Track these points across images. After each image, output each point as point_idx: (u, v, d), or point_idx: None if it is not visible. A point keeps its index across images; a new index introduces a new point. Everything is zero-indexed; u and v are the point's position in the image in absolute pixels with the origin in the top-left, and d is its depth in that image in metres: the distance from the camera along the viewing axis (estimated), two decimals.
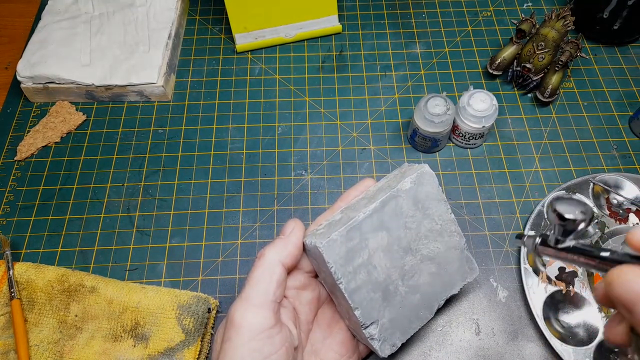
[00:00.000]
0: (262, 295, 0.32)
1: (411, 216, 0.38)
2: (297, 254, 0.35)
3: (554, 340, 0.42)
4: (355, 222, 0.35)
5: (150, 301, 0.43)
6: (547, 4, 0.66)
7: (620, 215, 0.48)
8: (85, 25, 0.59)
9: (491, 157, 0.54)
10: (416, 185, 0.38)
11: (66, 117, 0.56)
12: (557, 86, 0.55)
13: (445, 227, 0.39)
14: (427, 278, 0.38)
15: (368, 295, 0.35)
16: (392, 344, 0.36)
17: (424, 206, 0.38)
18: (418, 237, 0.38)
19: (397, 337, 0.37)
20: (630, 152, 0.54)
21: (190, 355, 0.41)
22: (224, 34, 0.64)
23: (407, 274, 0.37)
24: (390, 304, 0.36)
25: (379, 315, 0.36)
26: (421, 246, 0.38)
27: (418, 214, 0.38)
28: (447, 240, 0.39)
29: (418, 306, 0.37)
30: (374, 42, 0.63)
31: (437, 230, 0.38)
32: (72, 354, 0.42)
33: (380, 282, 0.36)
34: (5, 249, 0.46)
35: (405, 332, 0.37)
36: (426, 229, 0.38)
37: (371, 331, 0.35)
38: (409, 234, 0.37)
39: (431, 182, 0.39)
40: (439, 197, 0.39)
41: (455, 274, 0.39)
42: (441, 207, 0.39)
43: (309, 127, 0.56)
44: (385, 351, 0.36)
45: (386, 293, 0.36)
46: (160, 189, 0.52)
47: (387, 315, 0.36)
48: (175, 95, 0.59)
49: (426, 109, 0.49)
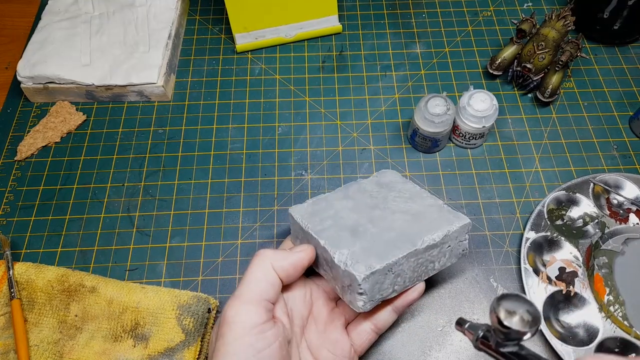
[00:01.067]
0: (255, 292, 0.32)
1: (376, 192, 0.39)
2: (291, 272, 0.35)
3: (554, 341, 0.42)
4: (322, 195, 0.39)
5: (150, 301, 0.43)
6: (548, 4, 0.66)
7: (620, 216, 0.48)
8: (85, 25, 0.59)
9: (491, 157, 0.54)
10: (378, 177, 0.40)
11: (66, 117, 0.56)
12: (557, 86, 0.55)
13: (416, 194, 0.39)
14: (401, 223, 0.37)
15: (336, 233, 0.36)
16: (367, 265, 0.34)
17: (389, 186, 0.39)
18: (386, 201, 0.38)
19: (373, 260, 0.34)
20: (631, 152, 0.54)
21: (190, 355, 0.41)
22: (224, 34, 0.64)
23: (376, 219, 0.37)
24: (359, 239, 0.36)
25: (348, 245, 0.35)
26: (391, 205, 0.38)
27: (383, 190, 0.39)
28: (420, 202, 0.39)
29: (395, 240, 0.36)
30: (374, 42, 0.63)
31: (406, 197, 0.39)
32: (72, 354, 0.42)
33: (348, 226, 0.36)
34: (5, 249, 0.46)
35: (383, 258, 0.35)
36: (393, 196, 0.39)
37: (342, 258, 0.34)
38: (375, 201, 0.38)
39: (393, 174, 0.40)
40: (404, 181, 0.40)
41: (437, 221, 0.38)
42: (407, 185, 0.40)
43: (309, 127, 0.56)
44: (361, 269, 0.34)
45: (355, 232, 0.36)
46: (161, 189, 0.52)
47: (357, 245, 0.35)
48: (175, 95, 0.59)
49: (426, 109, 0.49)
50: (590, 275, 0.45)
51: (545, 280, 0.45)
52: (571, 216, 0.49)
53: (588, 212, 0.48)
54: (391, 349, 0.43)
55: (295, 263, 0.35)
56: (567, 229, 0.48)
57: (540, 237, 0.47)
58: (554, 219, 0.48)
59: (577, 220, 0.48)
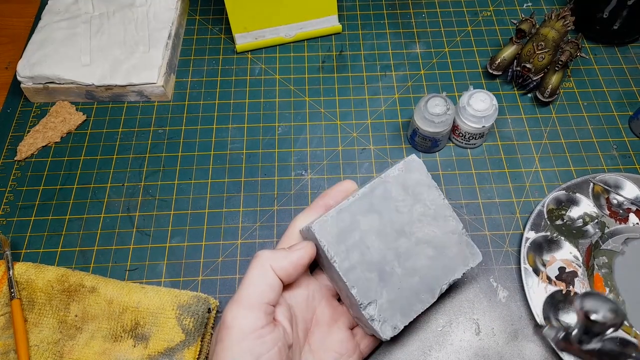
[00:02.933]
0: (254, 296, 0.32)
1: (402, 200, 0.37)
2: (291, 271, 0.34)
3: None
4: (345, 205, 0.36)
5: (150, 301, 0.43)
6: (547, 4, 0.66)
7: (620, 215, 0.48)
8: (85, 25, 0.59)
9: (491, 157, 0.54)
10: (404, 172, 0.38)
11: (66, 117, 0.56)
12: (557, 86, 0.55)
13: (439, 211, 0.38)
14: (424, 261, 0.37)
15: (363, 274, 0.35)
16: (393, 326, 0.36)
17: (415, 192, 0.38)
18: (411, 221, 0.37)
19: (398, 319, 0.36)
20: (630, 152, 0.54)
21: (190, 355, 0.41)
22: (224, 34, 0.64)
23: (403, 256, 0.37)
24: (387, 284, 0.36)
25: (376, 295, 0.35)
26: (415, 229, 0.37)
27: (409, 198, 0.38)
28: (443, 225, 0.38)
29: (418, 289, 0.37)
30: (374, 42, 0.63)
31: (431, 214, 0.38)
32: (72, 354, 0.42)
33: (375, 263, 0.36)
34: (5, 249, 0.46)
35: (407, 315, 0.36)
36: (419, 213, 0.37)
37: (370, 311, 0.35)
38: (401, 218, 0.37)
39: (419, 169, 0.39)
40: (430, 184, 0.38)
41: (456, 258, 0.38)
42: (433, 193, 0.38)
43: (309, 127, 0.56)
44: (387, 332, 0.35)
45: (382, 273, 0.36)
46: (160, 189, 0.52)
47: (385, 295, 0.36)
48: (175, 95, 0.59)
49: (426, 109, 0.49)
50: (590, 275, 0.45)
51: (545, 280, 0.45)
52: (571, 216, 0.49)
53: (588, 212, 0.48)
54: (391, 349, 0.43)
55: (296, 262, 0.35)
56: (567, 229, 0.48)
57: (540, 237, 0.47)
58: (553, 218, 0.48)
59: (577, 220, 0.48)
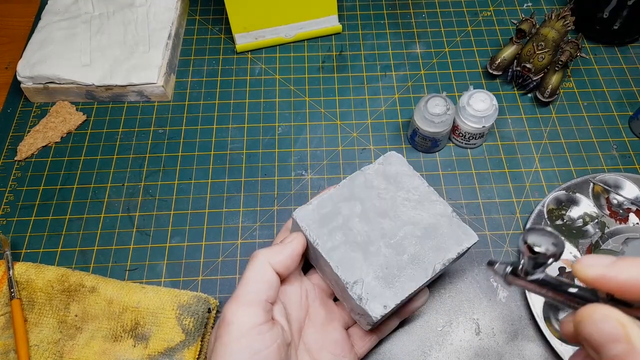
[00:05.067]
0: (252, 294, 0.33)
1: (384, 188, 0.37)
2: (289, 263, 0.35)
3: (554, 340, 0.42)
4: (326, 194, 0.37)
5: (150, 301, 0.43)
6: (547, 4, 0.66)
7: (620, 215, 0.48)
8: (85, 25, 0.59)
9: (491, 157, 0.54)
10: (384, 165, 0.38)
11: (66, 117, 0.56)
12: (557, 86, 0.55)
13: (425, 196, 0.37)
14: (412, 240, 0.36)
15: (347, 254, 0.35)
16: (383, 304, 0.34)
17: (397, 180, 0.37)
18: (395, 205, 0.36)
19: (388, 297, 0.34)
20: (630, 152, 0.54)
21: (190, 355, 0.41)
22: (224, 34, 0.64)
23: (388, 235, 0.36)
24: (373, 263, 0.35)
25: (362, 273, 0.35)
26: (400, 213, 0.36)
27: (391, 187, 0.37)
28: (430, 208, 0.37)
29: (408, 267, 0.35)
30: (374, 42, 0.63)
31: (415, 199, 0.37)
32: (72, 354, 0.42)
33: (360, 243, 0.35)
34: (5, 249, 0.46)
35: (398, 294, 0.34)
36: (402, 198, 0.37)
37: (357, 291, 0.34)
38: (383, 203, 0.36)
39: (400, 162, 0.38)
40: (411, 174, 0.38)
41: (448, 239, 0.36)
42: (415, 181, 0.38)
43: (309, 127, 0.56)
44: (376, 310, 0.34)
45: (367, 253, 0.35)
46: (161, 189, 0.52)
47: (371, 274, 0.35)
48: (175, 95, 0.59)
49: (426, 109, 0.49)
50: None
51: None
52: (571, 216, 0.49)
53: (588, 212, 0.48)
54: (391, 349, 0.43)
55: (290, 253, 0.35)
56: (567, 229, 0.48)
57: None
58: (553, 218, 0.48)
59: (577, 220, 0.48)
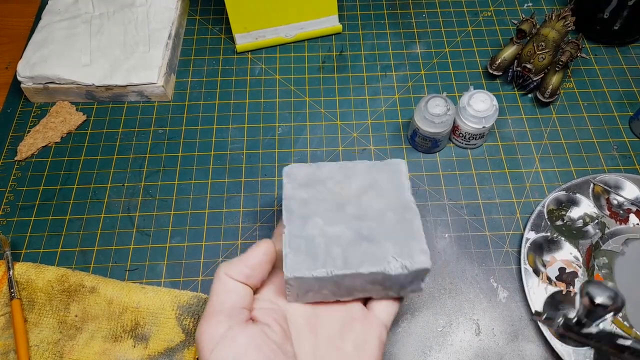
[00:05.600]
0: (214, 305, 0.33)
1: (369, 187, 0.37)
2: (248, 272, 0.34)
3: (554, 341, 0.42)
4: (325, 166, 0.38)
5: (150, 301, 0.43)
6: (548, 4, 0.66)
7: (620, 216, 0.48)
8: (85, 25, 0.59)
9: (491, 157, 0.54)
10: (381, 169, 0.38)
11: (66, 117, 0.56)
12: (557, 86, 0.55)
13: (403, 207, 0.36)
14: (378, 231, 0.35)
15: (306, 217, 0.35)
16: (303, 267, 0.32)
17: (382, 187, 0.37)
18: (371, 204, 0.36)
19: (309, 265, 0.32)
20: (631, 152, 0.54)
21: (190, 355, 0.41)
22: (224, 34, 0.64)
23: (355, 219, 0.35)
24: (326, 232, 0.34)
25: (305, 234, 0.34)
26: (375, 210, 0.36)
27: (374, 192, 0.37)
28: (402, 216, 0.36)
29: (357, 252, 0.33)
30: (374, 42, 0.63)
31: (393, 206, 0.36)
32: (72, 354, 0.42)
33: (323, 213, 0.35)
34: (5, 249, 0.46)
35: (322, 266, 0.33)
36: (383, 204, 0.36)
37: (287, 241, 0.34)
38: (363, 201, 0.36)
39: (398, 170, 0.38)
40: (401, 186, 0.37)
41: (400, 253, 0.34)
42: (404, 194, 0.37)
43: (309, 127, 0.56)
44: (291, 268, 0.32)
45: (327, 221, 0.35)
46: (161, 189, 0.52)
47: (316, 238, 0.34)
48: (175, 95, 0.59)
49: (426, 109, 0.49)
50: (590, 276, 0.45)
51: (546, 281, 0.45)
52: (571, 216, 0.49)
53: (588, 212, 0.48)
54: (391, 349, 0.43)
55: (247, 263, 0.34)
56: (567, 230, 0.48)
57: (540, 237, 0.47)
58: (554, 219, 0.48)
59: (577, 221, 0.48)
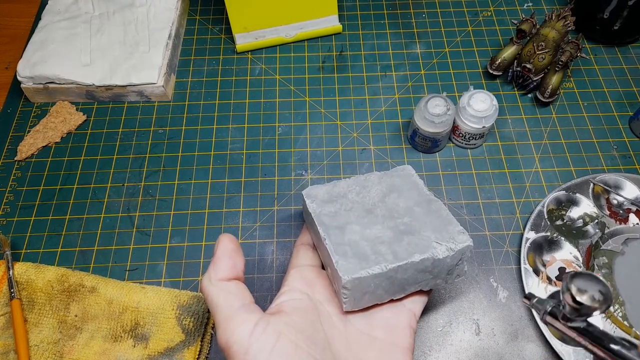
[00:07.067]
0: (225, 310, 0.31)
1: (388, 193, 0.41)
2: (230, 264, 0.33)
3: (554, 341, 0.42)
4: (340, 183, 0.42)
5: (150, 301, 0.43)
6: (548, 4, 0.66)
7: (620, 216, 0.48)
8: (85, 25, 0.59)
9: (491, 157, 0.54)
10: (394, 177, 0.43)
11: (66, 117, 0.56)
12: (557, 86, 0.55)
13: (427, 205, 0.40)
14: (412, 225, 0.38)
15: (341, 226, 0.37)
16: (358, 267, 0.34)
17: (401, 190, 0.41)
18: (396, 207, 0.40)
19: (362, 266, 0.34)
20: (631, 152, 0.54)
21: (190, 355, 0.41)
22: (224, 34, 0.64)
23: (388, 219, 0.38)
24: (365, 236, 0.37)
25: (348, 240, 0.36)
26: (401, 211, 0.39)
27: (394, 194, 0.41)
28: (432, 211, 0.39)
29: (401, 245, 0.36)
30: (374, 42, 0.63)
31: (419, 205, 0.40)
32: (72, 354, 0.42)
33: (355, 220, 0.38)
34: (5, 249, 0.46)
35: (374, 265, 0.34)
36: (405, 204, 0.40)
37: (332, 247, 0.35)
38: (386, 205, 0.40)
39: (409, 175, 0.43)
40: (415, 186, 0.42)
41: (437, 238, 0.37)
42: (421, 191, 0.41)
43: (309, 127, 0.56)
44: (346, 270, 0.33)
45: (363, 226, 0.38)
46: (161, 189, 0.52)
47: (358, 242, 0.36)
48: (175, 95, 0.59)
49: (426, 109, 0.49)
50: None
51: (545, 281, 0.45)
52: (571, 216, 0.49)
53: (588, 212, 0.48)
54: None
55: (227, 254, 0.34)
56: (567, 229, 0.48)
57: (540, 237, 0.47)
58: (554, 219, 0.48)
59: (577, 221, 0.48)
